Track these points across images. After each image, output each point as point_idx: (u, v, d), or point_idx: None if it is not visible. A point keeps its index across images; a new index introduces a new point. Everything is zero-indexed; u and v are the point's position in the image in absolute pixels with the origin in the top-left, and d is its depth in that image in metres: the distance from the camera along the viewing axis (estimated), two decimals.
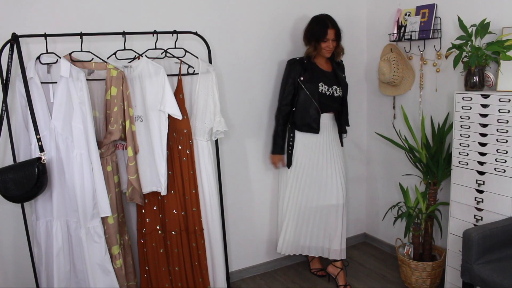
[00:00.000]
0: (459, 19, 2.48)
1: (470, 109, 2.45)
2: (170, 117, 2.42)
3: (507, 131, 2.29)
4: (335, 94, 2.90)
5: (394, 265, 3.25)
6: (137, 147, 2.46)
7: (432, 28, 2.84)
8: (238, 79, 2.97)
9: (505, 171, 2.31)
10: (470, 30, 2.46)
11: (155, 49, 2.50)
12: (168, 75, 2.43)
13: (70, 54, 2.33)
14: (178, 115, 2.40)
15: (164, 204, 2.58)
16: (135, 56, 2.49)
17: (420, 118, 3.03)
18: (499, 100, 2.31)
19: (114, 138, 2.36)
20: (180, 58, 2.55)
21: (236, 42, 2.93)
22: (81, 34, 2.32)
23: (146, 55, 2.44)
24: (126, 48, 2.43)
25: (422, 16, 2.90)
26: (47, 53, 2.28)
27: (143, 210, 2.59)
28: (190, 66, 2.54)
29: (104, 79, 2.38)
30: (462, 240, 2.22)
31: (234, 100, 2.97)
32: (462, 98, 2.48)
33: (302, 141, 2.91)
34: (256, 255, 3.24)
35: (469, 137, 2.47)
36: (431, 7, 2.85)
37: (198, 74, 2.54)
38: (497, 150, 2.34)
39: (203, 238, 2.65)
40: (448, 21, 2.80)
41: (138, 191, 2.47)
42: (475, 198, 2.46)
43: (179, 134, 2.54)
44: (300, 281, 3.13)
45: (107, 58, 2.43)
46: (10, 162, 2.34)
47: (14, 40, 2.20)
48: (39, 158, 2.15)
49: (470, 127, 2.46)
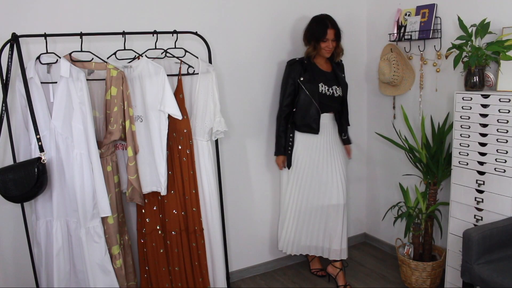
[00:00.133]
0: (459, 19, 2.48)
1: (470, 109, 2.45)
2: (170, 117, 2.42)
3: (507, 131, 2.29)
4: (335, 94, 2.90)
5: (394, 265, 3.25)
6: (137, 147, 2.46)
7: (432, 28, 2.84)
8: (238, 79, 2.97)
9: (505, 171, 2.31)
10: (470, 30, 2.45)
11: (155, 49, 2.50)
12: (168, 75, 2.43)
13: (70, 54, 2.33)
14: (178, 115, 2.40)
15: (164, 204, 2.58)
16: (135, 56, 2.49)
17: (420, 118, 3.03)
18: (499, 100, 2.31)
19: (114, 138, 2.36)
20: (180, 58, 2.55)
21: (236, 42, 2.93)
22: (81, 34, 2.32)
23: (146, 55, 2.44)
24: (126, 48, 2.43)
25: (422, 16, 2.90)
26: (47, 53, 2.28)
27: (143, 210, 2.59)
28: (190, 66, 2.54)
29: (104, 79, 2.38)
30: (462, 240, 2.22)
31: (234, 100, 2.97)
32: (462, 98, 2.48)
33: (302, 141, 2.91)
34: (256, 255, 3.24)
35: (469, 137, 2.47)
36: (431, 7, 2.85)
37: (198, 74, 2.54)
38: (497, 150, 2.34)
39: (203, 238, 2.65)
40: (448, 21, 2.80)
41: (138, 191, 2.47)
42: (475, 198, 2.46)
43: (179, 134, 2.54)
44: (300, 281, 3.13)
45: (107, 58, 2.43)
46: (10, 162, 2.34)
47: (14, 40, 2.20)
48: (39, 158, 2.15)
49: (470, 127, 2.46)
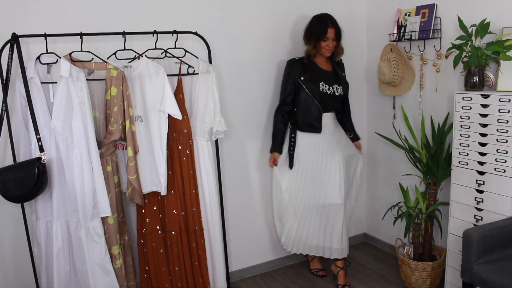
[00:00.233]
0: (459, 19, 2.48)
1: (470, 109, 2.45)
2: (170, 117, 2.42)
3: (507, 131, 2.29)
4: (336, 93, 2.90)
5: (394, 265, 3.25)
6: (137, 147, 2.46)
7: (432, 28, 2.84)
8: (238, 79, 2.97)
9: (505, 171, 2.31)
10: (470, 30, 2.45)
11: (155, 49, 2.50)
12: (168, 75, 2.43)
13: (70, 54, 2.33)
14: (178, 115, 2.40)
15: (164, 204, 2.58)
16: (135, 56, 2.49)
17: (420, 118, 3.03)
18: (499, 100, 2.31)
19: (114, 138, 2.36)
20: (180, 58, 2.55)
21: (236, 42, 2.93)
22: (81, 34, 2.32)
23: (146, 55, 2.44)
24: (126, 48, 2.43)
25: (422, 16, 2.90)
26: (47, 53, 2.28)
27: (143, 210, 2.59)
28: (190, 66, 2.54)
29: (104, 79, 2.38)
30: (462, 240, 2.22)
31: (234, 100, 2.97)
32: (462, 98, 2.48)
33: (304, 141, 2.90)
34: (256, 255, 3.24)
35: (469, 137, 2.47)
36: (431, 7, 2.85)
37: (198, 74, 2.54)
38: (497, 150, 2.34)
39: (203, 238, 2.65)
40: (448, 21, 2.80)
41: (138, 191, 2.47)
42: (475, 198, 2.46)
43: (179, 134, 2.54)
44: (300, 281, 3.13)
45: (107, 58, 2.43)
46: (10, 162, 2.34)
47: (14, 40, 2.20)
48: (39, 158, 2.15)
49: (470, 127, 2.46)
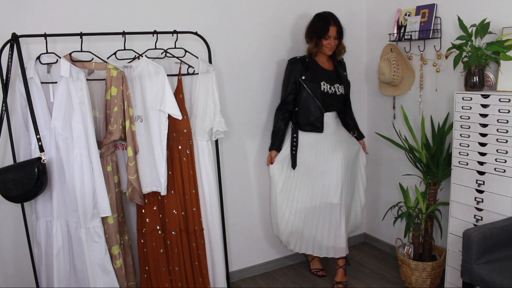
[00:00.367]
0: (459, 19, 2.48)
1: (470, 109, 2.45)
2: (170, 117, 2.42)
3: (507, 131, 2.29)
4: (338, 92, 2.89)
5: (394, 265, 3.25)
6: (137, 147, 2.46)
7: (432, 28, 2.84)
8: (238, 79, 2.97)
9: (505, 171, 2.31)
10: (470, 30, 2.45)
11: (155, 49, 2.50)
12: (168, 75, 2.43)
13: (70, 54, 2.33)
14: (178, 115, 2.40)
15: (164, 204, 2.58)
16: (135, 56, 2.49)
17: (420, 118, 3.03)
18: (499, 100, 2.31)
19: (114, 138, 2.36)
20: (180, 58, 2.55)
21: (236, 42, 2.93)
22: (81, 34, 2.32)
23: (146, 55, 2.44)
24: (126, 48, 2.43)
25: (422, 16, 2.90)
26: (47, 53, 2.28)
27: (143, 210, 2.59)
28: (190, 66, 2.54)
29: (104, 79, 2.38)
30: (462, 240, 2.22)
31: (234, 100, 2.97)
32: (462, 98, 2.48)
33: (306, 141, 2.88)
34: (256, 255, 3.24)
35: (469, 137, 2.47)
36: (431, 7, 2.85)
37: (198, 74, 2.54)
38: (497, 150, 2.34)
39: (203, 238, 2.65)
40: (448, 21, 2.80)
41: (138, 191, 2.47)
42: (475, 198, 2.46)
43: (179, 134, 2.54)
44: (300, 281, 3.13)
45: (107, 58, 2.43)
46: (10, 162, 2.34)
47: (14, 40, 2.20)
48: (39, 158, 2.15)
49: (470, 127, 2.46)
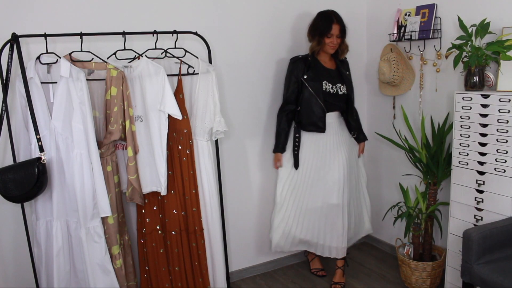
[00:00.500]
0: (459, 19, 2.48)
1: (470, 109, 2.45)
2: (170, 117, 2.42)
3: (507, 131, 2.29)
4: (340, 92, 2.86)
5: (394, 265, 3.25)
6: (137, 147, 2.46)
7: (432, 28, 2.84)
8: (238, 79, 2.97)
9: (505, 171, 2.31)
10: (470, 30, 2.45)
11: (155, 49, 2.50)
12: (168, 75, 2.43)
13: (70, 54, 2.33)
14: (178, 115, 2.40)
15: (164, 204, 2.58)
16: (135, 56, 2.49)
17: (420, 118, 3.03)
18: (499, 100, 2.31)
19: (114, 138, 2.36)
20: (180, 58, 2.55)
21: (236, 42, 2.93)
22: (81, 34, 2.32)
23: (146, 55, 2.44)
24: (126, 48, 2.43)
25: (422, 16, 2.90)
26: (47, 53, 2.28)
27: (143, 210, 2.59)
28: (190, 66, 2.54)
29: (104, 79, 2.38)
30: (462, 240, 2.22)
31: (234, 100, 2.97)
32: (462, 98, 2.48)
33: (309, 141, 2.87)
34: (256, 255, 3.24)
35: (469, 137, 2.47)
36: (431, 7, 2.85)
37: (198, 74, 2.54)
38: (497, 150, 2.34)
39: (203, 238, 2.65)
40: (448, 21, 2.80)
41: (138, 191, 2.47)
42: (475, 198, 2.46)
43: (179, 134, 2.54)
44: (300, 281, 3.13)
45: (107, 58, 2.43)
46: (10, 162, 2.34)
47: (14, 40, 2.20)
48: (39, 158, 2.15)
49: (470, 127, 2.46)
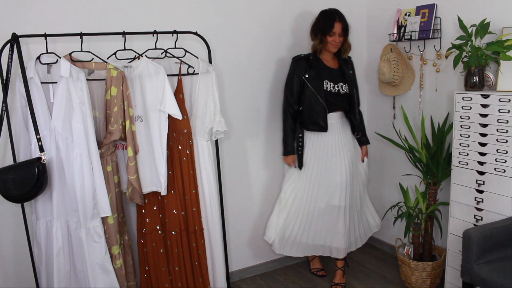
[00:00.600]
0: (459, 19, 2.48)
1: (470, 109, 2.45)
2: (170, 117, 2.42)
3: (507, 131, 2.29)
4: (341, 91, 2.84)
5: (394, 265, 3.25)
6: (137, 147, 2.46)
7: (432, 28, 2.84)
8: (238, 79, 2.97)
9: (505, 171, 2.31)
10: (470, 30, 2.45)
11: (155, 49, 2.50)
12: (168, 75, 2.43)
13: (70, 54, 2.33)
14: (178, 115, 2.40)
15: (164, 204, 2.58)
16: (135, 56, 2.49)
17: (420, 118, 3.03)
18: (499, 100, 2.31)
19: (114, 138, 2.36)
20: (180, 58, 2.55)
21: (236, 42, 2.93)
22: (81, 34, 2.32)
23: (146, 55, 2.44)
24: (126, 48, 2.43)
25: (422, 16, 2.90)
26: (47, 53, 2.28)
27: (143, 210, 2.59)
28: (190, 66, 2.54)
29: (104, 79, 2.38)
30: (462, 240, 2.22)
31: (234, 100, 2.97)
32: (462, 98, 2.48)
33: (311, 140, 2.86)
34: (256, 255, 3.24)
35: (469, 137, 2.47)
36: (431, 7, 2.85)
37: (198, 74, 2.54)
38: (497, 150, 2.34)
39: (203, 238, 2.65)
40: (448, 21, 2.80)
41: (138, 191, 2.47)
42: (475, 198, 2.46)
43: (179, 134, 2.54)
44: (300, 281, 3.13)
45: (107, 58, 2.43)
46: (10, 162, 2.34)
47: (14, 40, 2.20)
48: (39, 158, 2.15)
49: (470, 127, 2.46)
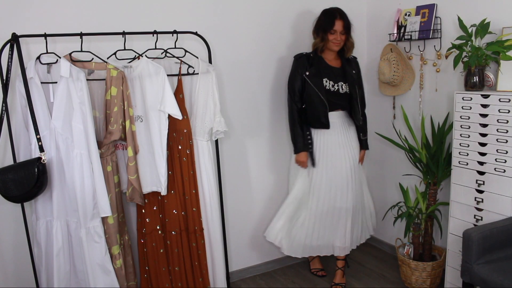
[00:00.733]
0: (459, 19, 2.48)
1: (470, 109, 2.45)
2: (170, 117, 2.42)
3: (507, 131, 2.29)
4: (341, 91, 2.82)
5: (394, 265, 3.25)
6: (137, 147, 2.46)
7: (432, 28, 2.84)
8: (238, 79, 2.97)
9: (505, 171, 2.31)
10: (470, 30, 2.45)
11: (155, 49, 2.50)
12: (168, 75, 2.43)
13: (70, 54, 2.33)
14: (178, 115, 2.40)
15: (164, 204, 2.58)
16: (135, 56, 2.49)
17: (420, 118, 3.03)
18: (499, 100, 2.31)
19: (114, 138, 2.36)
20: (180, 58, 2.55)
21: (236, 41, 2.93)
22: (81, 34, 2.32)
23: (146, 55, 2.44)
24: (126, 48, 2.43)
25: (422, 16, 2.90)
26: (47, 53, 2.28)
27: (143, 210, 2.59)
28: (190, 66, 2.54)
29: (104, 79, 2.38)
30: (462, 240, 2.22)
31: (234, 100, 2.97)
32: (462, 98, 2.48)
33: (318, 138, 2.84)
34: (256, 255, 3.24)
35: (469, 137, 2.47)
36: (431, 7, 2.85)
37: (198, 74, 2.54)
38: (497, 150, 2.34)
39: (203, 238, 2.65)
40: (448, 21, 2.80)
41: (138, 191, 2.47)
42: (475, 198, 2.46)
43: (179, 134, 2.54)
44: (300, 281, 3.13)
45: (107, 58, 2.43)
46: (10, 162, 2.34)
47: (14, 40, 2.20)
48: (39, 158, 2.15)
49: (470, 127, 2.46)
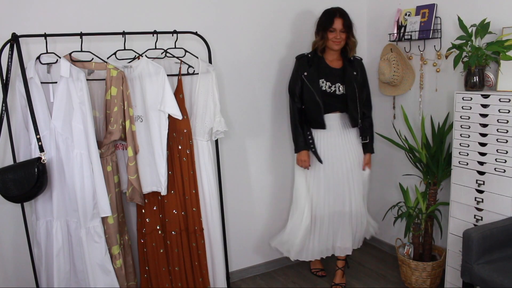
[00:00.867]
0: (459, 19, 2.48)
1: (470, 109, 2.45)
2: (170, 117, 2.42)
3: (507, 131, 2.29)
4: (338, 92, 2.80)
5: (394, 265, 3.25)
6: (137, 147, 2.46)
7: (432, 28, 2.84)
8: (238, 79, 2.97)
9: (505, 171, 2.31)
10: (470, 30, 2.45)
11: (155, 49, 2.50)
12: (168, 75, 2.43)
13: (70, 54, 2.33)
14: (178, 115, 2.41)
15: (164, 204, 2.58)
16: (135, 56, 2.49)
17: (420, 118, 3.03)
18: (499, 100, 2.31)
19: (114, 138, 2.36)
20: (180, 58, 2.55)
21: (236, 41, 2.93)
22: (81, 34, 2.32)
23: (146, 55, 2.44)
24: (126, 48, 2.43)
25: (422, 16, 2.90)
26: (47, 53, 2.28)
27: (143, 210, 2.59)
28: (190, 66, 2.54)
29: (104, 79, 2.38)
30: (462, 240, 2.22)
31: (234, 100, 2.97)
32: (462, 98, 2.48)
33: (318, 138, 2.83)
34: (256, 255, 3.24)
35: (469, 137, 2.47)
36: (431, 7, 2.85)
37: (198, 74, 2.54)
38: (497, 150, 2.34)
39: (203, 238, 2.65)
40: (448, 21, 2.80)
41: (138, 191, 2.47)
42: (475, 198, 2.46)
43: (179, 134, 2.54)
44: (300, 281, 3.13)
45: (107, 58, 2.43)
46: (10, 162, 2.34)
47: (14, 40, 2.20)
48: (39, 158, 2.15)
49: (470, 127, 2.46)
